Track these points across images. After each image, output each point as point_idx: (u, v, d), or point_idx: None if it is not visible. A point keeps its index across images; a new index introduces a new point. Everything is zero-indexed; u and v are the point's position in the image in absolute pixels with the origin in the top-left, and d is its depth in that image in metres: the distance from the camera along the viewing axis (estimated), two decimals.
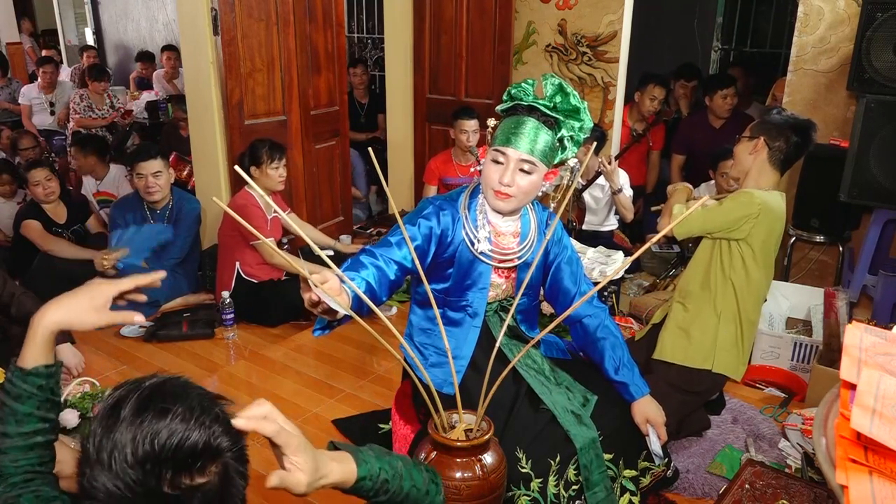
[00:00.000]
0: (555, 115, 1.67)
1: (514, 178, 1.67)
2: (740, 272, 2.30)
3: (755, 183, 2.33)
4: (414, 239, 1.71)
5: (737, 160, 2.39)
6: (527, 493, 1.66)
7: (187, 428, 0.91)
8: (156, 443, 0.89)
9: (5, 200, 4.27)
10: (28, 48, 8.16)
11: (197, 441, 0.91)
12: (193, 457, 0.91)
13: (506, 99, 1.74)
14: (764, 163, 2.30)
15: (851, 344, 1.05)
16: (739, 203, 2.26)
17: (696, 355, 2.35)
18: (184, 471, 0.90)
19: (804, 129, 2.28)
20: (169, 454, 0.89)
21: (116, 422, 0.91)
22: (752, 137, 2.32)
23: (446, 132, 4.27)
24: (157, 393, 0.95)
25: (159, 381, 0.97)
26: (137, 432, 0.89)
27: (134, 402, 0.92)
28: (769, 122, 2.31)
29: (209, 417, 0.95)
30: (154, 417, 0.90)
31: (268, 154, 3.30)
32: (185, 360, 3.05)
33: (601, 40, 4.11)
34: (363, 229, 4.82)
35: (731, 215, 2.25)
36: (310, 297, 1.28)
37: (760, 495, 1.97)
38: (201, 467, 0.92)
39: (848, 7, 3.27)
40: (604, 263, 3.16)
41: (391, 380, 2.86)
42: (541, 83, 1.69)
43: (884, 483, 0.85)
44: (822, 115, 3.44)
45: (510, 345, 1.88)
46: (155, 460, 0.89)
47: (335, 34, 4.15)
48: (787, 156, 2.30)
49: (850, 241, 3.45)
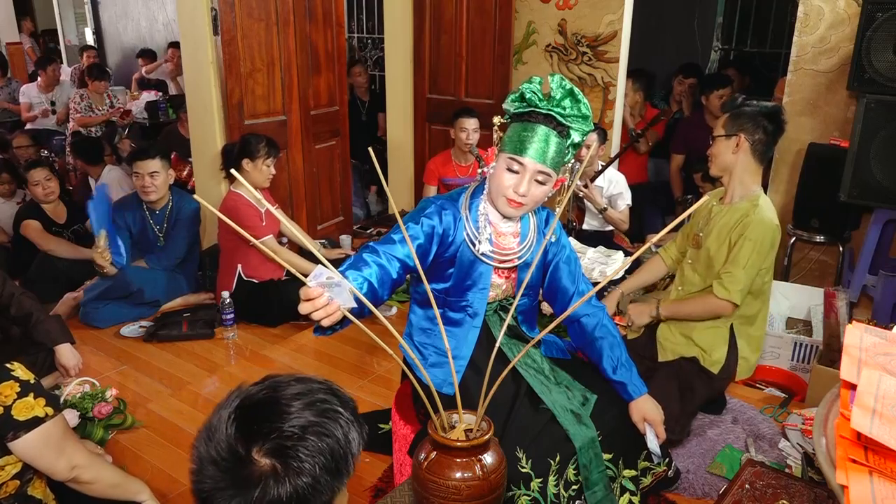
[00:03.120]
0: (568, 124, 1.66)
1: (529, 188, 1.67)
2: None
3: (741, 183, 2.34)
4: (416, 237, 1.70)
5: (717, 159, 2.37)
6: (527, 492, 1.66)
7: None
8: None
9: (5, 200, 4.27)
10: (28, 48, 8.16)
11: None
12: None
13: (516, 101, 1.70)
14: (748, 159, 2.31)
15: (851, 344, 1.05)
16: (764, 236, 2.25)
17: (710, 355, 2.37)
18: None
19: (775, 114, 2.29)
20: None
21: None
22: (729, 135, 2.32)
23: (446, 132, 4.28)
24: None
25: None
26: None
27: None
28: (741, 115, 2.31)
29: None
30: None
31: (265, 150, 3.29)
32: (185, 360, 3.05)
33: (601, 40, 4.11)
34: (363, 229, 4.82)
35: (763, 251, 2.26)
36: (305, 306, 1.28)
37: (760, 495, 1.97)
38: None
39: (848, 7, 3.27)
40: (604, 263, 3.16)
41: (391, 380, 2.86)
42: (548, 81, 1.67)
43: (884, 483, 0.85)
44: (822, 115, 3.44)
45: (510, 344, 1.88)
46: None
47: (335, 34, 4.15)
48: (767, 146, 2.32)
49: (850, 241, 3.45)
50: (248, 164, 3.28)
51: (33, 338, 2.51)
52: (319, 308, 1.27)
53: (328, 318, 1.30)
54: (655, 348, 2.50)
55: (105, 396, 2.51)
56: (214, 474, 0.89)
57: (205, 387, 2.83)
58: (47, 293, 3.34)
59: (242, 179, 1.17)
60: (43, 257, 3.60)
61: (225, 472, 0.88)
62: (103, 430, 2.40)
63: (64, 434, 1.68)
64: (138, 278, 3.41)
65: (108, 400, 2.50)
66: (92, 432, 2.36)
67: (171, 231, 3.53)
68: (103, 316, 3.34)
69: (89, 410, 2.43)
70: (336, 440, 0.92)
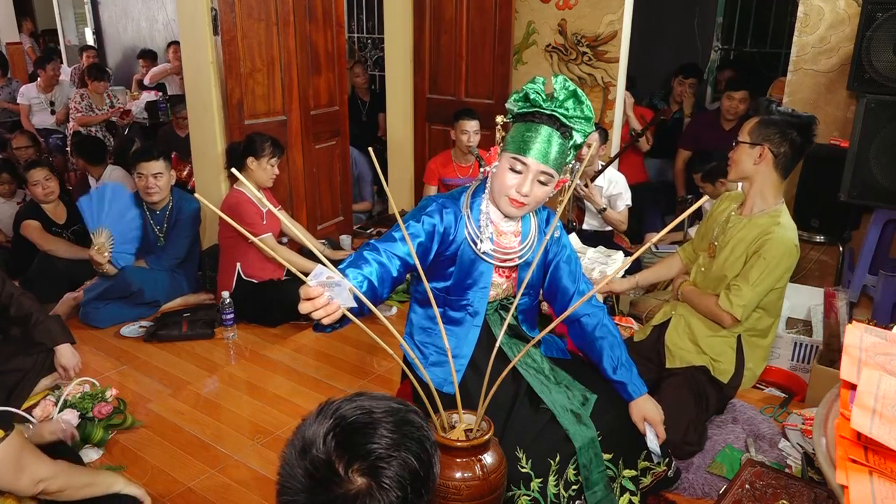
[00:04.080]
0: (571, 125, 1.66)
1: (532, 189, 1.67)
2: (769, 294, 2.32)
3: (762, 196, 2.29)
4: (417, 235, 1.70)
5: (737, 166, 2.31)
6: (527, 492, 1.66)
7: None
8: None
9: (5, 200, 4.27)
10: (28, 48, 8.16)
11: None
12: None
13: (520, 101, 1.70)
14: (770, 171, 2.25)
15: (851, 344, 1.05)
16: (780, 258, 2.21)
17: (720, 364, 2.37)
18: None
19: (807, 126, 2.21)
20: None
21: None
22: (753, 144, 2.25)
23: (446, 132, 4.28)
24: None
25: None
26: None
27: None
28: (769, 123, 2.23)
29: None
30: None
31: (270, 150, 3.30)
32: (185, 360, 3.05)
33: (601, 40, 4.11)
34: (363, 229, 4.82)
35: (777, 273, 2.22)
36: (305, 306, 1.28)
37: (760, 495, 1.97)
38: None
39: (848, 7, 3.27)
40: (604, 263, 3.16)
41: (391, 380, 2.86)
42: (551, 82, 1.67)
43: (884, 483, 0.85)
44: (822, 115, 3.43)
45: (510, 344, 1.88)
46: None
47: (335, 34, 4.15)
48: (792, 160, 2.25)
49: (850, 241, 3.45)
50: (253, 163, 3.29)
51: (33, 338, 2.52)
52: (319, 308, 1.28)
53: (328, 317, 1.30)
54: (663, 352, 2.49)
55: (105, 396, 2.51)
56: (308, 487, 0.91)
57: (205, 387, 2.83)
58: (47, 293, 3.34)
59: (243, 178, 1.17)
60: (43, 257, 3.60)
61: (319, 486, 0.90)
62: (103, 430, 2.39)
63: (20, 452, 1.62)
64: (138, 278, 3.41)
65: (108, 400, 2.50)
66: (92, 432, 2.36)
67: (171, 231, 3.53)
68: (103, 316, 3.34)
69: (89, 410, 2.43)
70: (421, 462, 0.94)
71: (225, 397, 2.75)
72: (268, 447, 2.37)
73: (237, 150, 3.34)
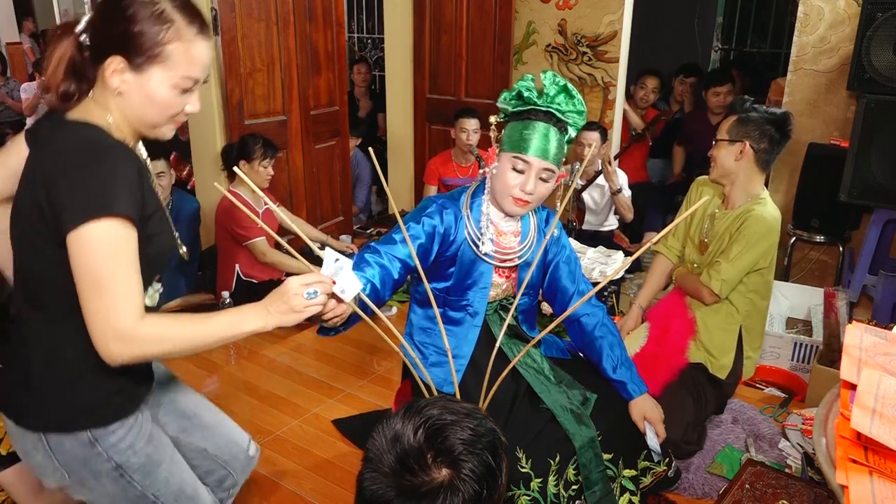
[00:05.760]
0: (566, 120, 1.67)
1: (535, 187, 1.68)
2: (755, 276, 2.32)
3: (745, 190, 2.32)
4: (418, 237, 1.70)
5: (718, 164, 2.33)
6: (527, 492, 1.66)
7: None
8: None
9: None
10: (27, 48, 8.16)
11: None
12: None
13: (514, 99, 1.70)
14: (751, 167, 2.29)
15: (851, 344, 1.05)
16: (760, 235, 2.23)
17: (718, 360, 2.37)
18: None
19: (783, 122, 2.26)
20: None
21: None
22: (732, 140, 2.28)
23: (446, 132, 4.28)
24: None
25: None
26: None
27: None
28: (747, 121, 2.27)
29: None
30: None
31: (261, 151, 3.28)
32: (185, 359, 3.05)
33: (601, 40, 4.11)
34: (363, 229, 4.82)
35: (757, 250, 2.24)
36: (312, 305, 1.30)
37: (760, 495, 1.97)
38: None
39: (848, 7, 3.27)
40: (604, 263, 3.16)
41: (391, 380, 2.86)
42: (539, 78, 1.68)
43: (884, 483, 0.85)
44: (822, 115, 3.44)
45: (510, 344, 1.88)
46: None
47: (335, 34, 4.15)
48: (771, 155, 2.29)
49: (850, 241, 3.45)
50: (245, 167, 3.26)
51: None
52: (329, 311, 1.30)
53: (337, 317, 1.32)
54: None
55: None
56: (397, 472, 0.99)
57: (205, 387, 2.83)
58: None
59: (245, 176, 1.17)
60: None
61: (408, 471, 0.99)
62: None
63: None
64: None
65: None
66: None
67: None
68: None
69: None
70: (496, 459, 1.04)
71: (224, 397, 2.75)
72: (268, 447, 2.37)
73: (231, 154, 3.34)
